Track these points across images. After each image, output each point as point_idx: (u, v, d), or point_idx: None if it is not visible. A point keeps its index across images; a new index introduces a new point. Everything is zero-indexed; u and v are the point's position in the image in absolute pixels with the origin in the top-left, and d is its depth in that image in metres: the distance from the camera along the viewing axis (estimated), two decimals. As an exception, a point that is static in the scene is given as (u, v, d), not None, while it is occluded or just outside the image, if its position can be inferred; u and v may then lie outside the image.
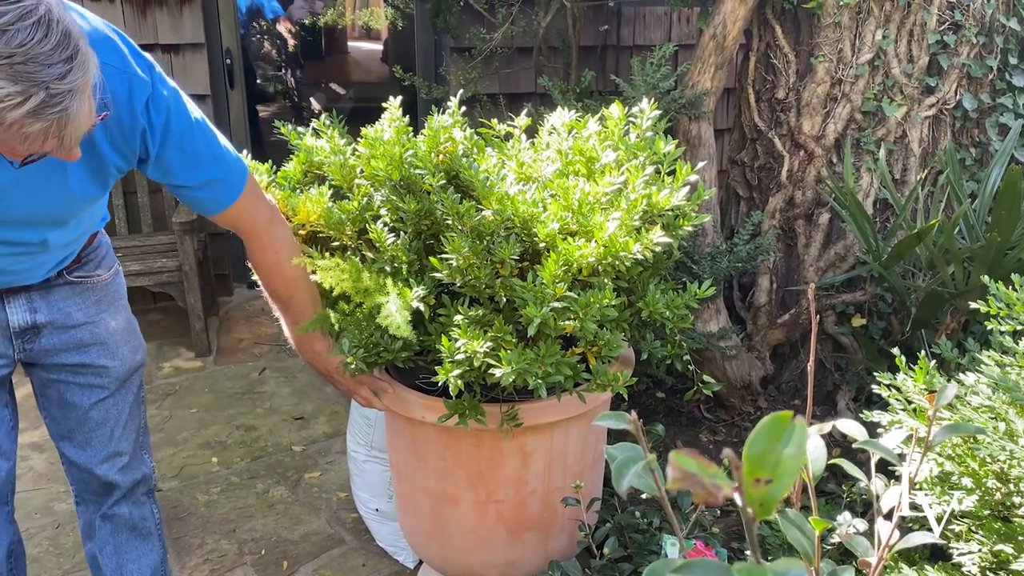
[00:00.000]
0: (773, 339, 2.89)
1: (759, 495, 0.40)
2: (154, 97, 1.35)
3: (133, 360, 1.70)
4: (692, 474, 0.38)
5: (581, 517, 1.84)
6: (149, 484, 1.81)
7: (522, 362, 1.50)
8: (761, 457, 0.40)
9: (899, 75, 2.66)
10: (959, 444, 1.31)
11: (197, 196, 1.50)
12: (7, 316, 1.53)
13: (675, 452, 0.39)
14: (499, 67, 3.54)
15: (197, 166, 1.45)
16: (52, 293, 1.56)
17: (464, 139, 1.81)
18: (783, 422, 0.42)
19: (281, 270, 1.63)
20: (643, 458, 0.49)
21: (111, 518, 1.77)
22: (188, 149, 1.42)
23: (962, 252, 2.17)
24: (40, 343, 1.57)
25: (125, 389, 1.69)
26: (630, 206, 1.60)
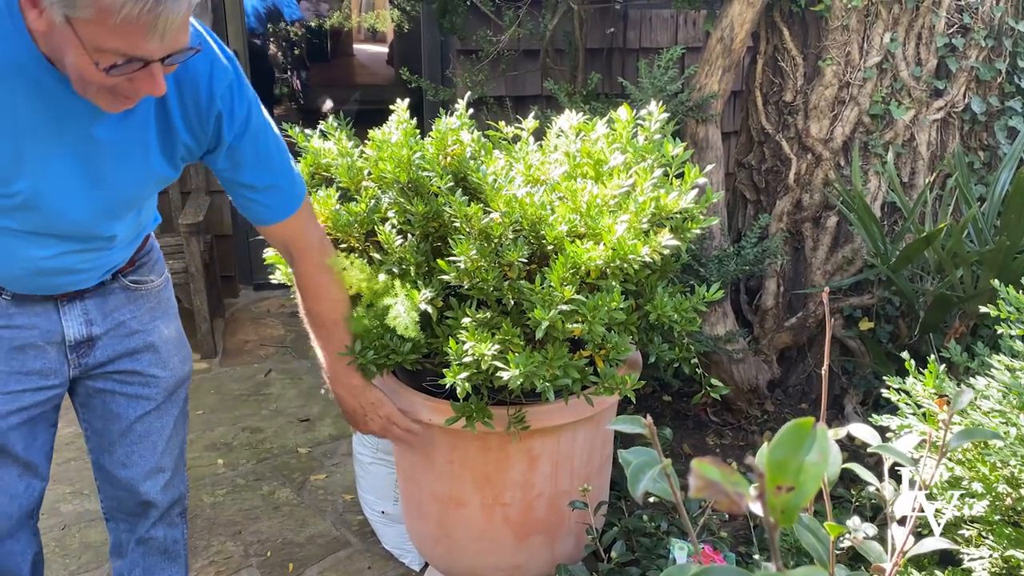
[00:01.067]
0: (780, 342, 2.88)
1: (781, 503, 0.40)
2: (238, 86, 1.35)
3: (182, 371, 1.65)
4: (715, 482, 0.38)
5: (588, 520, 1.84)
6: (184, 504, 1.76)
7: (530, 365, 1.50)
8: (783, 464, 0.40)
9: (907, 78, 2.66)
10: (969, 448, 1.30)
11: (259, 199, 1.46)
12: (63, 329, 1.47)
13: (697, 461, 0.39)
14: (506, 69, 3.54)
15: (267, 168, 1.43)
16: (108, 302, 1.52)
17: (472, 141, 1.81)
18: (805, 429, 0.41)
19: (329, 292, 1.60)
20: (658, 463, 0.49)
21: (146, 542, 1.71)
22: (262, 148, 1.41)
23: (971, 256, 2.16)
24: (95, 356, 1.53)
25: (171, 402, 1.64)
26: (638, 209, 1.60)
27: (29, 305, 1.44)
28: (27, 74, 1.18)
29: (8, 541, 1.56)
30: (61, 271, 1.41)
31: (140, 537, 1.70)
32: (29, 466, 1.53)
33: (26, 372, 1.46)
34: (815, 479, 0.40)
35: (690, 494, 0.38)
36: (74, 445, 2.83)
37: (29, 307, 1.44)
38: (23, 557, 1.59)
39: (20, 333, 1.44)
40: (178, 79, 1.28)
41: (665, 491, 0.53)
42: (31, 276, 1.40)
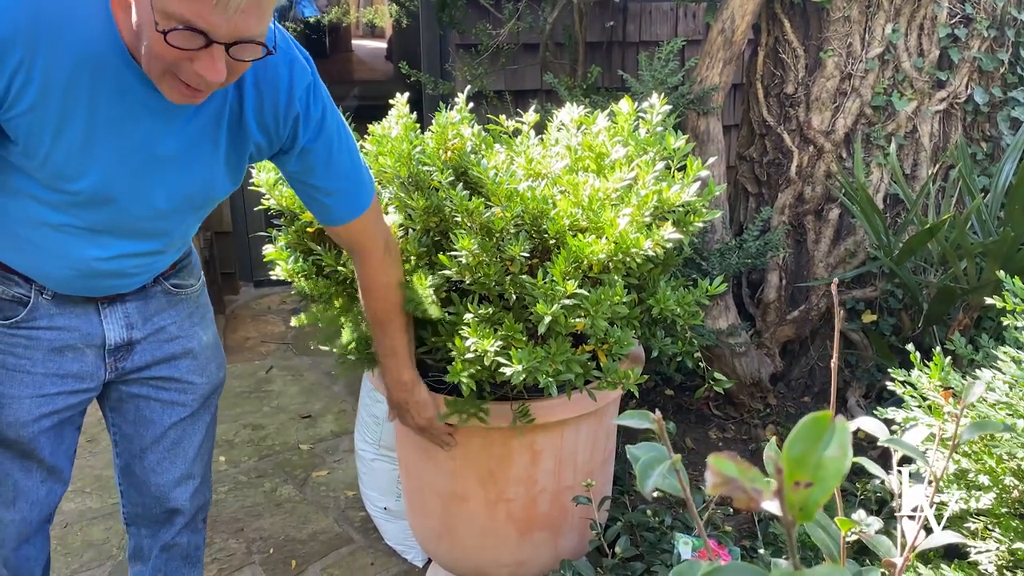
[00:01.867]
0: (783, 336, 2.87)
1: (799, 499, 0.39)
2: (315, 88, 1.33)
3: (218, 377, 1.64)
4: (732, 479, 0.37)
5: (592, 516, 1.83)
6: (207, 510, 1.75)
7: (533, 360, 1.49)
8: (801, 459, 0.39)
9: (909, 69, 2.64)
10: (975, 441, 1.29)
11: (327, 202, 1.44)
12: (104, 332, 1.45)
13: (714, 456, 0.38)
14: (505, 63, 3.52)
15: (338, 171, 1.41)
16: (149, 306, 1.50)
17: (472, 136, 1.80)
18: (823, 423, 0.40)
19: (389, 294, 1.59)
20: (668, 458, 0.48)
21: (171, 548, 1.68)
22: (335, 151, 1.39)
23: (975, 247, 2.15)
24: (132, 360, 1.51)
25: (205, 408, 1.62)
26: (641, 202, 1.59)
27: (70, 306, 1.41)
28: (109, 66, 1.16)
29: (25, 546, 1.55)
30: (113, 274, 1.39)
31: (165, 544, 1.67)
32: (53, 471, 1.51)
33: (62, 375, 1.44)
34: (835, 474, 0.39)
35: (707, 490, 0.37)
36: (75, 443, 2.82)
37: (70, 308, 1.41)
38: (36, 562, 1.58)
39: (60, 335, 1.42)
40: (256, 78, 1.27)
41: (675, 487, 0.52)
42: (81, 278, 1.37)
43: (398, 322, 1.62)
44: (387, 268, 1.57)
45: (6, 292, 1.38)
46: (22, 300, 1.39)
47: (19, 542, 1.54)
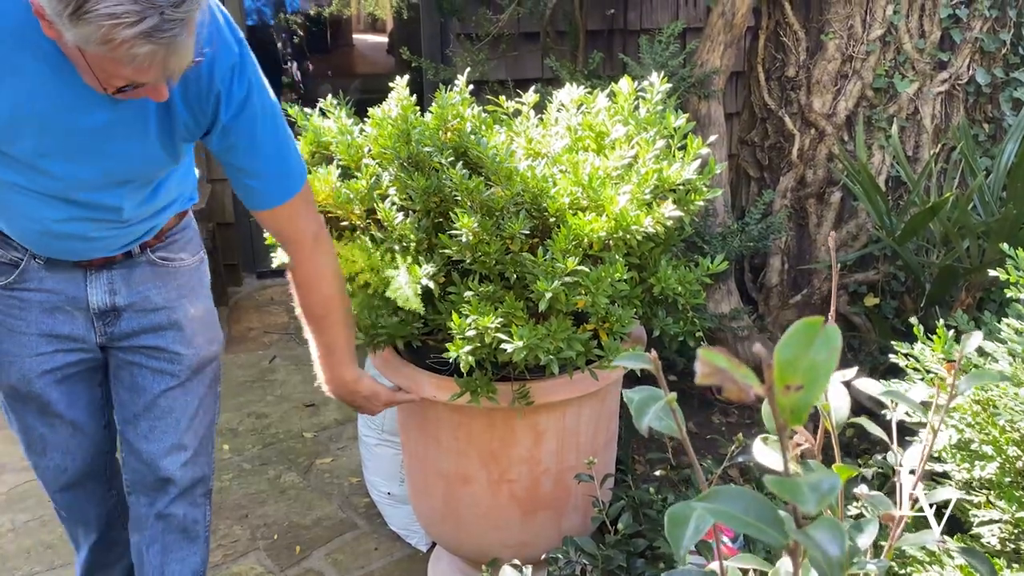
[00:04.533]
0: (785, 320, 2.87)
1: (790, 402, 0.39)
2: (240, 67, 1.35)
3: (208, 351, 1.66)
4: (722, 369, 0.37)
5: (595, 493, 1.83)
6: (208, 485, 1.75)
7: (533, 337, 1.49)
8: (792, 362, 0.39)
9: (911, 50, 2.63)
10: (979, 412, 1.29)
11: (250, 184, 1.45)
12: (87, 296, 1.52)
13: (703, 348, 0.38)
14: (506, 50, 3.52)
15: (260, 153, 1.43)
16: (133, 274, 1.55)
17: (472, 117, 1.79)
18: (815, 327, 0.40)
19: (320, 287, 1.58)
20: (663, 397, 0.48)
21: (165, 518, 1.70)
22: (258, 133, 1.40)
23: (977, 226, 2.15)
24: (120, 326, 1.56)
25: (197, 380, 1.65)
26: (641, 180, 1.59)
27: (59, 271, 1.50)
28: (29, 40, 1.19)
29: (73, 490, 1.70)
30: (73, 236, 1.44)
31: (159, 512, 1.69)
32: (75, 425, 1.62)
33: (55, 335, 1.53)
34: (825, 376, 0.39)
35: (696, 381, 0.37)
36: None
37: (59, 272, 1.51)
38: (89, 503, 1.74)
39: (49, 297, 1.51)
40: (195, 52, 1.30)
41: (670, 427, 0.52)
42: (47, 237, 1.44)
43: (333, 317, 1.61)
44: (316, 260, 1.55)
45: (4, 256, 1.49)
46: (16, 263, 1.49)
47: (61, 487, 1.69)
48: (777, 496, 0.42)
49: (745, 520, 0.43)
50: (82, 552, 1.83)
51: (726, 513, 0.43)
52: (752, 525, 0.43)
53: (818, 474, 0.40)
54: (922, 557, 1.24)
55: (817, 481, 0.40)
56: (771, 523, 0.43)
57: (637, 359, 0.52)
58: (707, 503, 0.43)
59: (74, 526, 1.80)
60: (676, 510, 0.46)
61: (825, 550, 0.43)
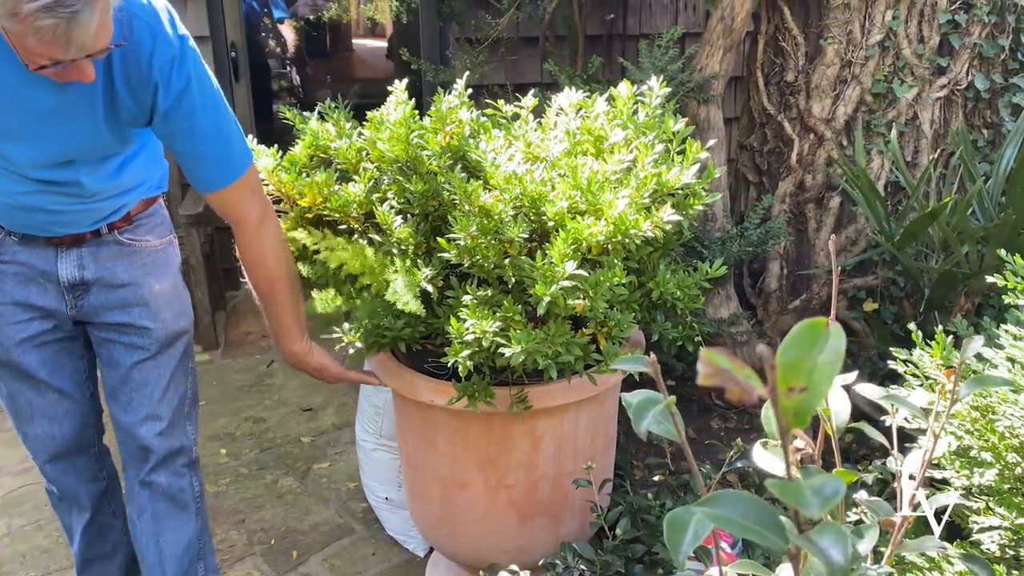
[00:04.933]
0: (784, 325, 2.86)
1: (793, 404, 0.38)
2: (180, 61, 1.44)
3: (175, 325, 1.74)
4: (725, 370, 0.36)
5: (593, 498, 1.82)
6: (189, 456, 1.83)
7: (532, 342, 1.48)
8: (795, 364, 0.38)
9: (910, 56, 2.63)
10: (978, 419, 1.29)
11: (194, 167, 1.56)
12: (58, 270, 1.63)
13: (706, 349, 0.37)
14: (505, 54, 3.52)
15: (200, 139, 1.52)
16: (101, 252, 1.65)
17: (471, 120, 1.79)
18: (818, 328, 0.40)
19: (264, 267, 1.67)
20: (661, 401, 0.48)
21: (149, 485, 1.79)
22: (197, 121, 1.50)
23: (976, 231, 2.14)
24: (89, 300, 1.66)
25: (167, 354, 1.73)
26: (640, 184, 1.58)
27: (32, 247, 1.62)
28: None
29: (60, 462, 1.77)
30: (40, 209, 1.55)
31: (142, 480, 1.79)
32: (62, 392, 1.71)
33: (30, 305, 1.64)
34: (828, 379, 0.39)
35: (699, 381, 0.37)
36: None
37: (32, 248, 1.62)
38: (79, 479, 1.80)
39: (22, 269, 1.63)
40: (123, 50, 1.40)
41: (669, 431, 0.51)
42: (16, 211, 1.56)
43: (278, 295, 1.70)
44: (260, 240, 1.65)
45: None
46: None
47: (50, 456, 1.75)
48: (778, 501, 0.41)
49: (745, 525, 0.42)
50: (76, 540, 1.88)
51: (726, 518, 0.43)
52: (753, 530, 0.42)
53: (821, 478, 0.39)
54: (922, 563, 1.23)
55: (820, 485, 0.39)
56: (772, 528, 0.42)
57: (636, 362, 0.52)
58: (707, 507, 0.43)
59: (67, 510, 1.86)
60: (675, 515, 0.46)
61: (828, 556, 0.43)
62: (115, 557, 1.94)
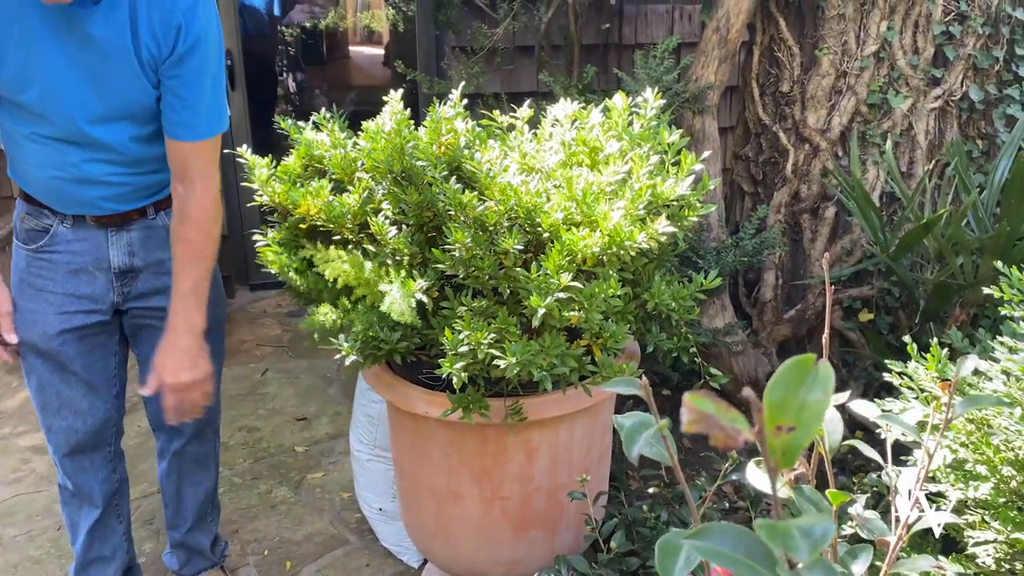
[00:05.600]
0: (779, 335, 2.86)
1: (782, 444, 0.38)
2: (203, 10, 1.54)
3: (213, 312, 1.81)
4: (709, 416, 0.36)
5: (587, 511, 1.82)
6: (216, 424, 2.03)
7: (527, 353, 1.48)
8: (783, 403, 0.38)
9: (905, 67, 2.64)
10: (973, 431, 1.28)
11: (183, 114, 1.60)
12: (110, 256, 1.72)
13: (689, 393, 0.36)
14: (501, 63, 3.52)
15: (202, 88, 1.60)
16: (150, 239, 1.75)
17: (466, 131, 1.79)
18: (807, 365, 0.39)
19: (211, 223, 1.69)
20: (654, 425, 0.47)
21: (180, 454, 1.99)
22: (204, 70, 1.58)
23: (971, 243, 2.14)
24: (136, 286, 1.76)
25: (205, 340, 1.79)
26: (635, 195, 1.58)
27: (84, 233, 1.70)
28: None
29: (79, 457, 1.83)
30: (90, 180, 1.63)
31: (176, 450, 1.99)
32: (91, 386, 1.78)
33: (79, 296, 1.72)
34: (817, 417, 0.38)
35: (682, 428, 0.36)
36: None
37: (84, 235, 1.70)
38: (94, 476, 1.87)
39: (75, 258, 1.71)
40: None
41: (661, 455, 0.51)
42: (68, 185, 1.63)
43: (208, 263, 1.72)
44: (215, 196, 1.70)
45: (38, 224, 1.70)
46: (47, 229, 1.70)
47: (70, 449, 1.81)
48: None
49: (735, 558, 0.42)
50: (80, 539, 1.93)
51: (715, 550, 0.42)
52: (742, 563, 0.42)
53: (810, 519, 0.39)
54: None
55: (809, 528, 0.38)
56: (763, 561, 0.42)
57: (628, 385, 0.51)
58: (696, 540, 0.42)
59: (78, 506, 1.91)
60: (667, 540, 0.45)
61: (819, 592, 0.42)
62: (113, 561, 1.97)
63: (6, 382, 3.39)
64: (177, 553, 2.16)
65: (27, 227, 1.73)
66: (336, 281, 1.64)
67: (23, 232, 1.73)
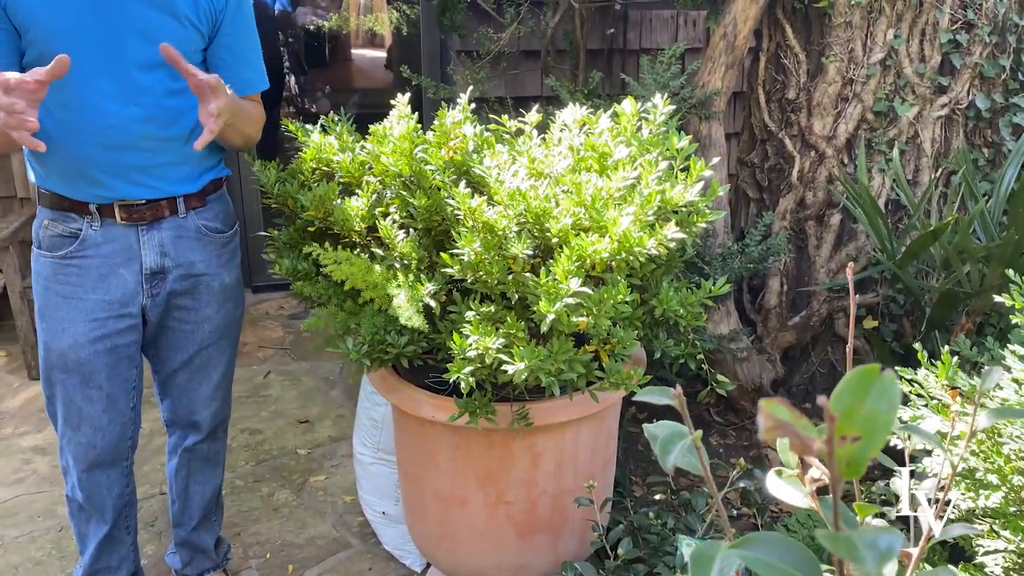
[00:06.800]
0: (784, 341, 2.86)
1: (846, 454, 0.37)
2: None
3: (235, 314, 1.89)
4: (785, 423, 0.35)
5: (593, 518, 1.81)
6: (226, 424, 2.06)
7: (535, 359, 1.48)
8: (849, 412, 0.37)
9: (911, 75, 2.64)
10: (983, 440, 1.28)
11: (239, 70, 1.72)
12: (141, 256, 1.71)
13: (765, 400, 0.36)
14: (506, 68, 3.52)
15: (253, 43, 1.75)
16: (181, 240, 1.74)
17: (474, 135, 1.79)
18: (871, 375, 0.39)
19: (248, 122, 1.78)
20: (687, 435, 0.47)
21: (191, 451, 2.01)
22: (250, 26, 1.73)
23: (978, 251, 2.14)
24: (165, 288, 1.76)
25: (226, 341, 1.89)
26: (644, 201, 1.58)
27: (113, 230, 1.68)
28: None
29: (96, 472, 1.82)
30: (128, 145, 1.61)
31: (187, 447, 2.01)
32: (112, 399, 1.76)
33: (109, 301, 1.70)
34: (884, 428, 0.38)
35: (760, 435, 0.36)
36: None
37: (113, 233, 1.68)
38: (109, 492, 1.86)
39: (106, 261, 1.69)
40: None
41: (694, 465, 0.51)
42: (105, 152, 1.60)
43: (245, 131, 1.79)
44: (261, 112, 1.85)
45: (65, 229, 1.68)
46: (75, 234, 1.67)
47: (88, 464, 1.80)
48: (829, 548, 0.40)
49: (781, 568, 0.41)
50: (88, 551, 1.93)
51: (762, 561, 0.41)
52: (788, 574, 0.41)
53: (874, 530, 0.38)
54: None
55: (873, 539, 0.38)
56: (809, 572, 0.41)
57: (661, 395, 0.51)
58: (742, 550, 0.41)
59: (87, 520, 1.90)
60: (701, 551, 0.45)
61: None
62: (120, 570, 1.97)
63: (8, 382, 3.39)
64: (181, 552, 2.15)
65: (52, 234, 1.69)
66: (343, 284, 1.64)
67: (47, 240, 1.69)
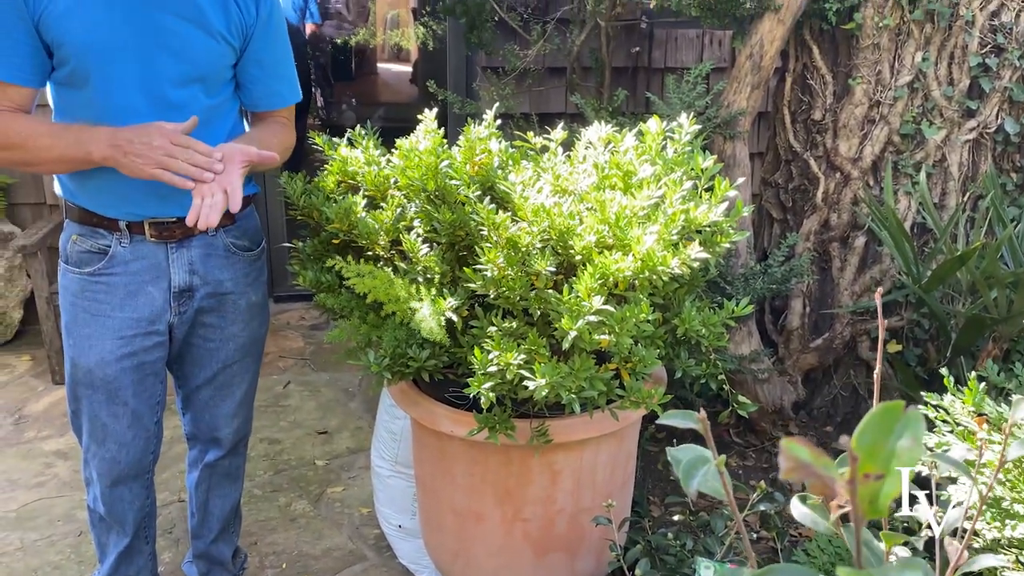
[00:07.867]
0: (805, 363, 2.83)
1: (869, 492, 0.37)
2: None
3: (260, 332, 1.91)
4: (806, 464, 0.35)
5: (611, 537, 1.80)
6: (247, 439, 2.06)
7: (556, 375, 1.47)
8: (872, 450, 0.37)
9: (939, 98, 2.62)
10: (1010, 468, 1.26)
11: (273, 85, 1.75)
12: (170, 273, 1.71)
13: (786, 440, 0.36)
14: (531, 84, 3.54)
15: (285, 55, 1.75)
16: (210, 258, 1.75)
17: (500, 152, 1.79)
18: (896, 412, 0.38)
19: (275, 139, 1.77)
20: (710, 460, 0.46)
21: (212, 466, 2.02)
22: (281, 37, 1.73)
23: (1006, 276, 2.12)
24: (192, 306, 1.76)
25: (250, 359, 1.90)
26: (668, 220, 1.58)
27: (142, 247, 1.67)
28: None
29: (120, 487, 1.82)
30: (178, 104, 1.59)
31: (208, 462, 2.01)
32: (137, 415, 1.75)
33: (137, 318, 1.69)
34: (909, 465, 0.37)
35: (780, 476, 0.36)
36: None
37: (142, 250, 1.67)
38: (131, 506, 1.86)
39: (134, 279, 1.68)
40: None
41: (718, 490, 0.50)
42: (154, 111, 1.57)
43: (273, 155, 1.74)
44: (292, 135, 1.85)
45: (94, 245, 1.66)
46: (104, 251, 1.66)
47: (112, 480, 1.80)
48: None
49: (807, 601, 0.41)
50: (107, 561, 1.94)
51: (787, 593, 0.41)
52: (814, 607, 0.41)
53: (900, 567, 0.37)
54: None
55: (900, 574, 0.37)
56: (836, 606, 0.41)
57: (685, 418, 0.51)
58: (765, 579, 0.41)
59: (107, 530, 1.90)
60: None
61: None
62: (142, 574, 1.99)
63: (32, 386, 3.42)
64: (198, 563, 2.16)
65: (80, 249, 1.67)
66: (366, 296, 1.64)
67: (75, 255, 1.68)
